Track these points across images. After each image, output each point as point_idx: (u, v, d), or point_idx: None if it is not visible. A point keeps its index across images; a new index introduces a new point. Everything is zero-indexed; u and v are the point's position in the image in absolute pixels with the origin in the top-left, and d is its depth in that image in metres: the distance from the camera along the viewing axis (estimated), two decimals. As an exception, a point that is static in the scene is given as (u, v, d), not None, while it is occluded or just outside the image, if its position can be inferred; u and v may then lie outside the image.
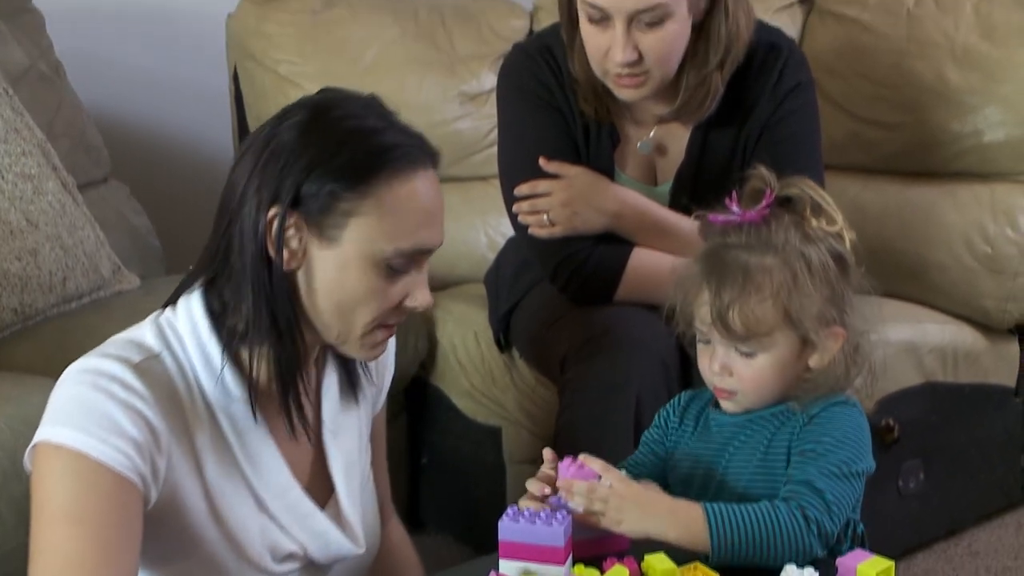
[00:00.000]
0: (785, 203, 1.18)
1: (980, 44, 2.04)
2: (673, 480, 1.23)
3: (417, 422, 2.09)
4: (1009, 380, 2.10)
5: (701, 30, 1.59)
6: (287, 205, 1.05)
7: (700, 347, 1.19)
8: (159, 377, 1.07)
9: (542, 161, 1.66)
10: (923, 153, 2.11)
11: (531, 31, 2.33)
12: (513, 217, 1.71)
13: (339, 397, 1.22)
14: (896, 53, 2.10)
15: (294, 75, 2.19)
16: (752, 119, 1.66)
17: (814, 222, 1.16)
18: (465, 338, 1.99)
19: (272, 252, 1.07)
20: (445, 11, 2.32)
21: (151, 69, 2.56)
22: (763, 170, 1.18)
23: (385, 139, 1.07)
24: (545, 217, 1.65)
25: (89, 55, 2.40)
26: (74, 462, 1.02)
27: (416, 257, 1.11)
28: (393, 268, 1.09)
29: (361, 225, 1.06)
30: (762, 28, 1.66)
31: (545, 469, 1.16)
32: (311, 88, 2.11)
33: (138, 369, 1.06)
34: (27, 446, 1.06)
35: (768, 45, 1.65)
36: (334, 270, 1.08)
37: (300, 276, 1.09)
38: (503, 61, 1.78)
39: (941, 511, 2.08)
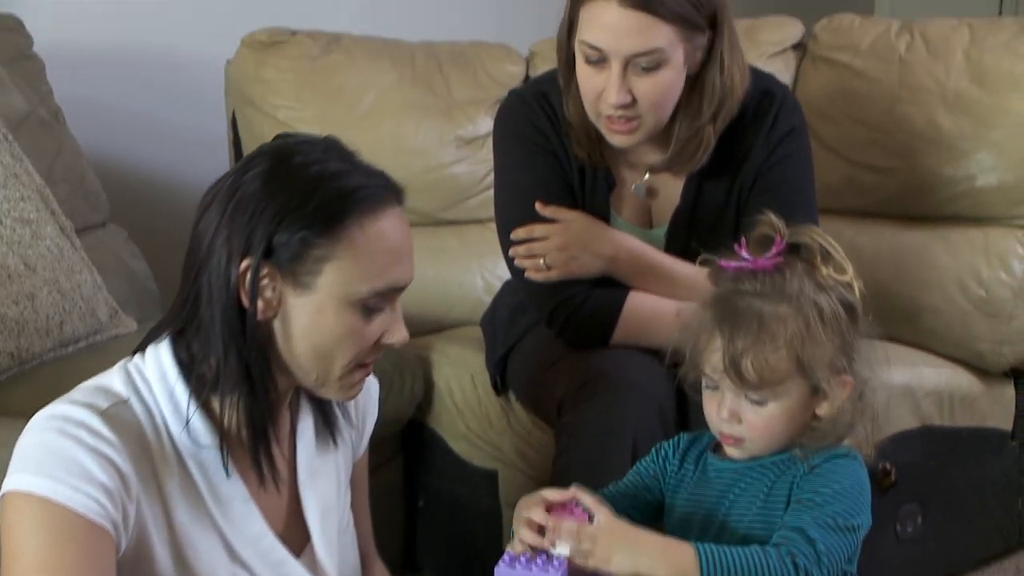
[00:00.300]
0: (794, 250, 1.18)
1: (971, 90, 2.06)
2: (671, 525, 1.23)
3: (413, 465, 2.09)
4: (1006, 424, 2.09)
5: (696, 82, 1.60)
6: (260, 256, 1.05)
7: (707, 393, 1.19)
8: (127, 423, 1.07)
9: (538, 205, 1.67)
10: (917, 197, 2.12)
11: (527, 77, 2.35)
12: (510, 261, 1.71)
13: (315, 441, 1.22)
14: (888, 98, 2.12)
15: (292, 120, 2.21)
16: (747, 163, 1.67)
17: (824, 270, 1.16)
18: (461, 381, 1.99)
19: (246, 303, 1.06)
20: (442, 57, 2.34)
21: (150, 114, 2.58)
22: (772, 217, 1.18)
23: (350, 181, 1.08)
24: (541, 261, 1.65)
25: (89, 100, 2.42)
26: (46, 511, 1.01)
27: (390, 295, 1.11)
28: (369, 308, 1.10)
29: (335, 269, 1.07)
30: (755, 74, 1.67)
31: (535, 517, 1.15)
32: (310, 132, 2.16)
33: (105, 415, 1.05)
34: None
35: (762, 91, 1.67)
36: (310, 315, 1.08)
37: (276, 324, 1.09)
38: (500, 107, 1.79)
39: (939, 555, 2.07)
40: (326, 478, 1.23)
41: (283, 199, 1.05)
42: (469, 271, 2.29)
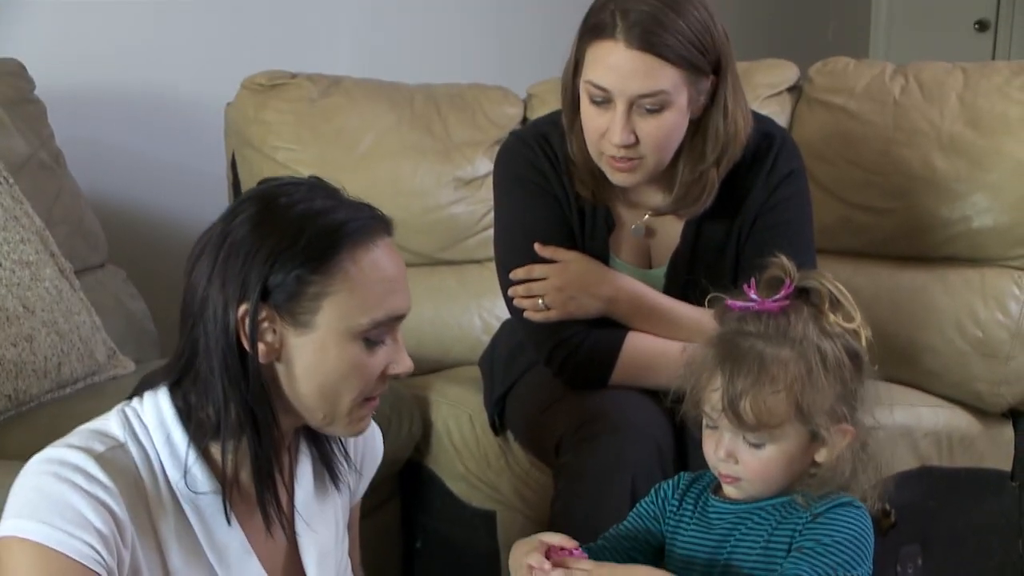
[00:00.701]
0: (803, 294, 1.17)
1: (965, 133, 2.07)
2: (672, 567, 1.22)
3: (411, 505, 2.08)
4: (1005, 464, 2.09)
5: (699, 126, 1.61)
6: (256, 299, 1.05)
7: (707, 431, 1.19)
8: (123, 467, 1.06)
9: (538, 246, 1.68)
10: (913, 238, 2.13)
11: (525, 118, 2.36)
12: (509, 301, 1.72)
13: (313, 486, 1.22)
14: (884, 140, 2.13)
15: (292, 162, 2.22)
16: (746, 205, 1.68)
17: (832, 317, 1.16)
18: (460, 421, 1.99)
19: (247, 347, 1.06)
20: (440, 99, 2.36)
21: (151, 156, 2.60)
22: (784, 260, 1.18)
23: (338, 216, 1.08)
24: (540, 301, 1.66)
25: (90, 143, 2.44)
26: (41, 557, 1.00)
27: (390, 325, 1.11)
28: (371, 340, 1.10)
29: (334, 304, 1.07)
30: (754, 117, 1.69)
31: (532, 562, 1.14)
32: (308, 174, 2.17)
33: (102, 459, 1.05)
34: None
35: (761, 134, 1.68)
36: (314, 354, 1.08)
37: (279, 367, 1.09)
38: (500, 148, 1.80)
39: (940, 597, 2.05)
40: (324, 523, 1.22)
41: (274, 241, 1.06)
42: (467, 311, 2.29)
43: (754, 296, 1.17)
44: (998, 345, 2.05)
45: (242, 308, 1.06)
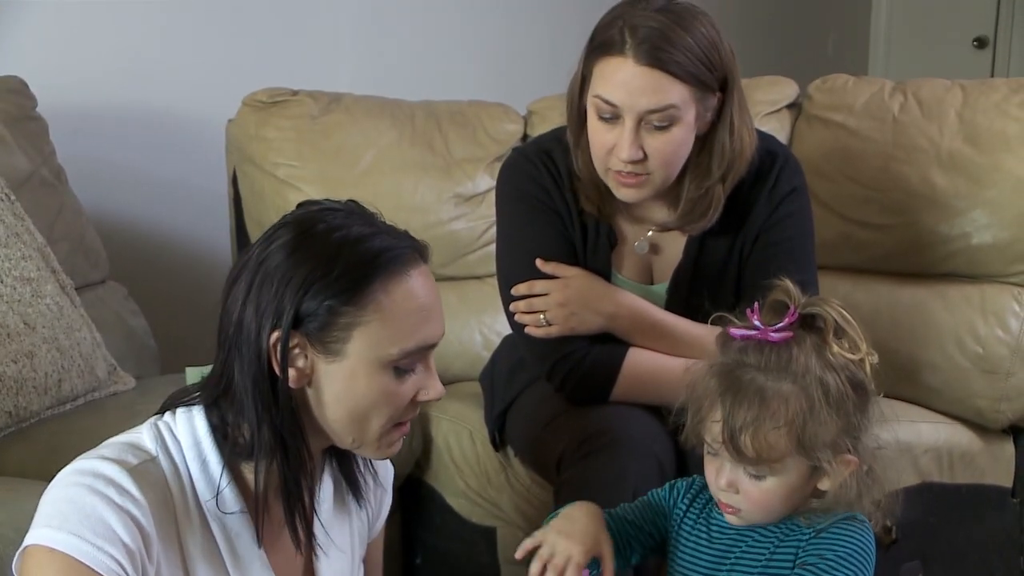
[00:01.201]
0: (807, 321, 1.15)
1: (964, 149, 2.07)
2: None
3: (411, 522, 2.07)
4: (1006, 481, 2.08)
5: (705, 143, 1.62)
6: (288, 326, 1.06)
7: (708, 458, 1.18)
8: (154, 481, 1.07)
9: (539, 262, 1.68)
10: (913, 254, 2.13)
11: (525, 135, 2.37)
12: (510, 316, 1.72)
13: (332, 508, 1.22)
14: (883, 157, 2.13)
15: (293, 178, 2.23)
16: (749, 222, 1.69)
17: (835, 347, 1.13)
18: (460, 437, 1.99)
19: (279, 373, 1.07)
20: (441, 116, 2.37)
21: (152, 173, 2.61)
22: (788, 284, 1.17)
23: (374, 245, 1.08)
24: (542, 317, 1.66)
25: (91, 159, 2.45)
26: (67, 568, 1.00)
27: (421, 354, 1.12)
28: (401, 369, 1.10)
29: (365, 334, 1.07)
30: (757, 135, 1.69)
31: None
32: (309, 191, 2.19)
33: (135, 472, 1.05)
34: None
35: (764, 151, 1.69)
36: (343, 381, 1.08)
37: (309, 392, 1.10)
38: (503, 164, 1.81)
39: (942, 614, 2.05)
40: (342, 546, 1.23)
41: (308, 268, 1.06)
42: (468, 327, 2.29)
43: (757, 323, 1.16)
44: (998, 361, 2.05)
45: (275, 335, 1.06)
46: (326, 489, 1.22)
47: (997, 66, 4.56)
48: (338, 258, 1.06)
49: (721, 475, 1.15)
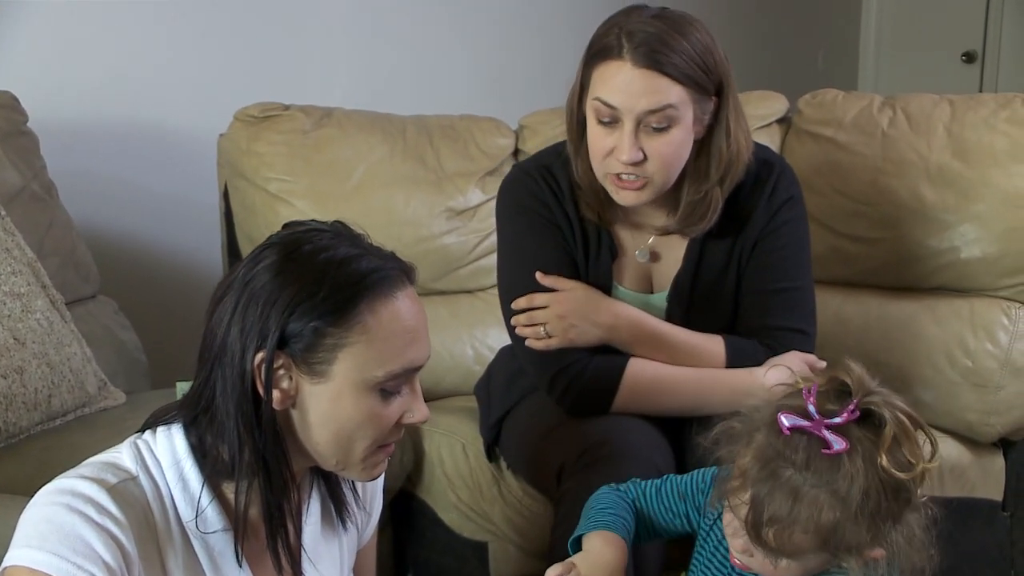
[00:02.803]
0: (867, 416, 1.06)
1: (953, 164, 2.09)
2: None
3: (403, 536, 2.07)
4: (996, 494, 2.09)
5: (703, 146, 1.65)
6: (273, 347, 1.05)
7: (727, 516, 1.14)
8: (134, 500, 1.07)
9: (539, 275, 1.69)
10: (902, 268, 2.14)
11: (516, 149, 2.38)
12: (511, 329, 1.73)
13: (320, 525, 1.22)
14: (872, 171, 2.14)
15: (284, 192, 2.23)
16: (747, 230, 1.71)
17: (886, 461, 1.04)
18: (452, 451, 1.99)
19: (263, 394, 1.07)
20: (433, 130, 2.37)
21: (143, 188, 2.61)
22: (854, 367, 1.08)
23: (360, 266, 1.08)
24: (542, 330, 1.67)
25: (83, 174, 2.45)
26: None
27: (407, 376, 1.11)
28: (387, 391, 1.10)
29: (350, 356, 1.07)
30: (754, 145, 1.72)
31: None
32: (301, 205, 2.19)
33: (114, 491, 1.05)
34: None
35: (761, 160, 1.71)
36: (328, 403, 1.08)
37: (294, 413, 1.10)
38: (503, 180, 1.82)
39: (933, 628, 2.04)
40: (330, 562, 1.23)
41: (294, 290, 1.06)
42: (460, 341, 2.29)
43: (812, 409, 1.06)
44: (988, 375, 2.05)
45: (259, 355, 1.06)
46: (313, 507, 1.21)
47: (985, 81, 4.58)
48: (324, 279, 1.06)
49: (737, 537, 1.12)
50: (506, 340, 1.84)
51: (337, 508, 1.23)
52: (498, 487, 1.92)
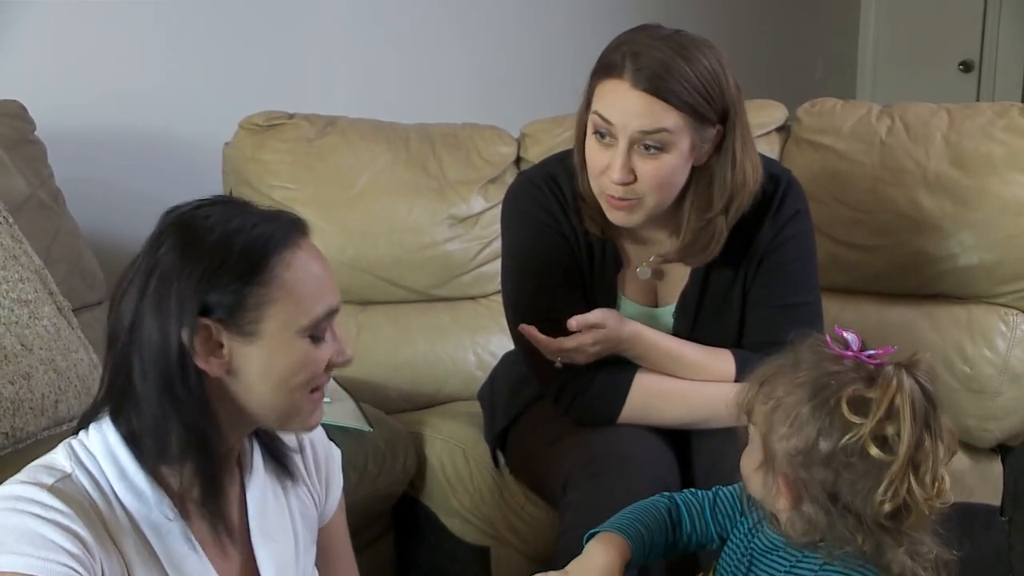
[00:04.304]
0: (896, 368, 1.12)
1: (951, 172, 2.10)
2: None
3: (405, 541, 2.08)
4: (994, 499, 2.09)
5: (704, 173, 1.62)
6: (195, 317, 1.07)
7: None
8: (74, 495, 1.08)
9: (571, 321, 1.61)
10: (901, 275, 2.16)
11: (518, 157, 2.39)
12: (515, 337, 1.72)
13: (269, 498, 1.23)
14: (871, 179, 2.16)
15: (288, 200, 2.24)
16: (754, 244, 1.70)
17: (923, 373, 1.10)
18: (454, 456, 1.99)
19: (200, 365, 1.08)
20: (435, 138, 2.39)
21: (149, 195, 2.57)
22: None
23: (258, 229, 1.11)
24: (557, 362, 1.65)
25: (89, 182, 2.45)
26: None
27: (328, 320, 1.14)
28: (315, 336, 1.13)
29: (276, 310, 1.10)
30: (760, 158, 1.69)
31: None
32: (306, 212, 2.10)
33: (52, 490, 1.06)
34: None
35: (766, 175, 1.68)
36: (264, 358, 1.11)
37: (228, 380, 1.11)
38: (509, 188, 1.82)
39: (931, 633, 2.05)
40: (283, 535, 1.24)
41: (204, 263, 1.08)
42: (462, 347, 2.30)
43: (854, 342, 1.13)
44: (986, 381, 2.07)
45: (184, 329, 1.07)
46: (256, 476, 1.22)
47: (982, 90, 4.59)
48: (231, 247, 1.08)
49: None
50: (509, 346, 1.85)
51: (282, 468, 1.25)
52: (500, 492, 1.93)
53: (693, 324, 1.72)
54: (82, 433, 1.15)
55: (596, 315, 1.62)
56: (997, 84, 4.54)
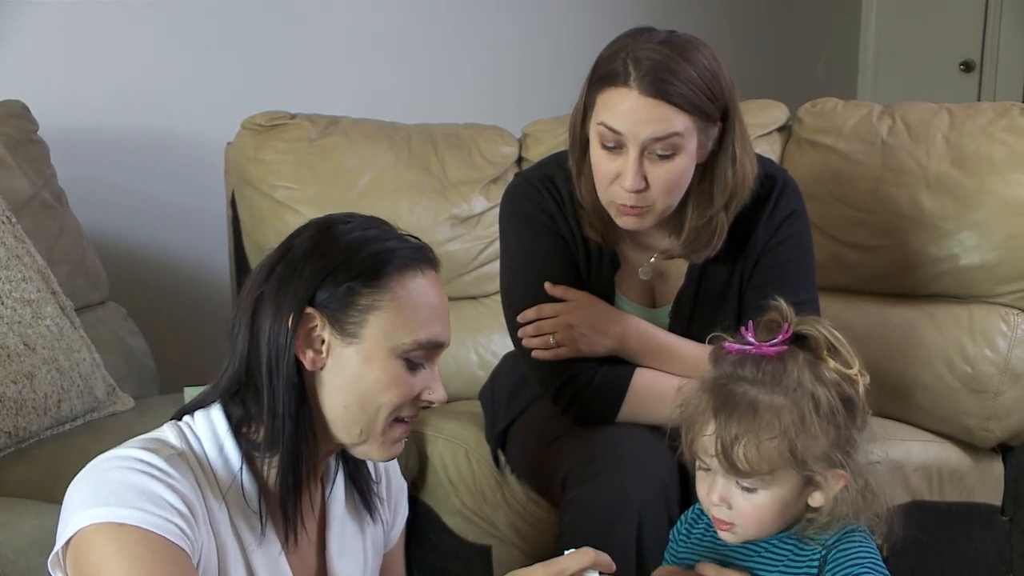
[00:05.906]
0: (800, 340, 1.17)
1: (952, 172, 2.10)
2: None
3: (407, 540, 2.06)
4: (995, 499, 2.10)
5: (706, 170, 1.63)
6: (303, 306, 1.11)
7: (700, 474, 1.20)
8: (184, 471, 1.10)
9: (547, 286, 1.69)
10: (902, 275, 2.15)
11: (520, 157, 2.39)
12: (515, 338, 1.73)
13: (347, 517, 1.25)
14: (872, 179, 2.16)
15: (291, 200, 2.25)
16: (750, 244, 1.70)
17: (831, 363, 1.16)
18: (456, 456, 2.00)
19: (299, 355, 1.11)
20: (437, 138, 2.39)
21: (151, 195, 2.63)
22: (782, 304, 1.19)
23: (391, 243, 1.14)
24: (551, 339, 1.67)
25: (92, 182, 2.47)
26: (142, 539, 1.02)
27: (431, 351, 1.16)
28: (412, 361, 1.14)
29: (380, 319, 1.12)
30: (757, 159, 1.70)
31: None
32: (307, 212, 2.19)
33: (170, 459, 1.09)
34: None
35: (763, 175, 1.69)
36: (358, 364, 1.13)
37: (322, 377, 1.13)
38: (506, 189, 1.82)
39: (932, 632, 2.06)
40: (354, 557, 1.26)
41: (330, 257, 1.12)
42: (464, 347, 2.30)
43: (751, 339, 1.17)
44: (987, 380, 2.07)
45: (292, 316, 1.11)
46: (338, 491, 1.24)
47: (983, 90, 4.58)
48: (359, 250, 1.13)
49: (713, 491, 1.17)
50: (510, 346, 1.85)
51: (362, 494, 1.27)
52: (502, 492, 1.93)
53: (688, 323, 1.72)
54: (188, 417, 1.17)
55: (579, 294, 1.68)
56: (998, 84, 4.54)
